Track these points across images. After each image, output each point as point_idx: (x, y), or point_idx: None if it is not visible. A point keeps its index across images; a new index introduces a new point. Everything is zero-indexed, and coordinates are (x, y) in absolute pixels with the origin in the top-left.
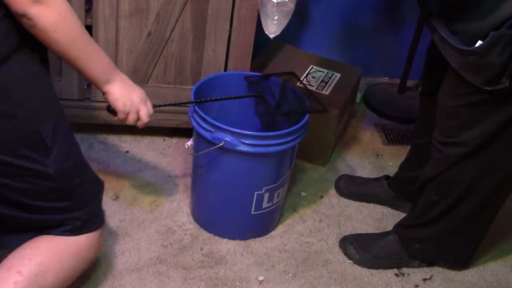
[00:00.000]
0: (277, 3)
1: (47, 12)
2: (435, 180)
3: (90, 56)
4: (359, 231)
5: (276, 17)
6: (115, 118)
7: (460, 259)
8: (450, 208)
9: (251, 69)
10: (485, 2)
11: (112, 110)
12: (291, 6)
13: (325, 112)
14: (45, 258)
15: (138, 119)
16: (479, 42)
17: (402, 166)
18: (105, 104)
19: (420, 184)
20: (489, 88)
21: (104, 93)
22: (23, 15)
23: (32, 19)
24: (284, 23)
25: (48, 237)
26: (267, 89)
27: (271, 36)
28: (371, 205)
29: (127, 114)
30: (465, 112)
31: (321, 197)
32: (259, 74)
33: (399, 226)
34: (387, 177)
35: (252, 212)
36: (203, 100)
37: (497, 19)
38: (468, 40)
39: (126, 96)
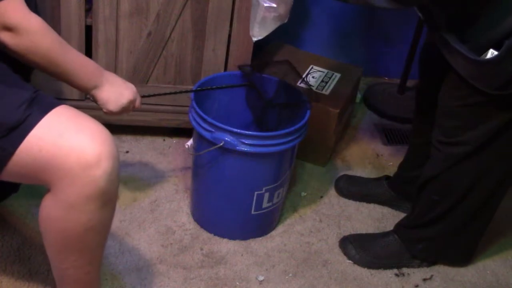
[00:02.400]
0: (266, 7)
1: (18, 39)
2: (435, 180)
3: (72, 68)
4: (359, 231)
5: (262, 21)
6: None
7: (462, 257)
8: (451, 208)
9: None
10: (495, 10)
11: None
12: (280, 12)
13: (318, 102)
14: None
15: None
16: (491, 51)
17: (401, 166)
18: None
19: (420, 184)
20: (499, 93)
21: (92, 97)
22: None
23: (3, 44)
24: (270, 28)
25: None
26: (263, 84)
27: (254, 39)
28: (371, 205)
29: (117, 113)
30: (466, 113)
31: (321, 197)
32: (254, 64)
33: (399, 227)
34: (387, 177)
35: (252, 212)
36: (190, 90)
37: (508, 26)
38: (478, 49)
39: (115, 99)
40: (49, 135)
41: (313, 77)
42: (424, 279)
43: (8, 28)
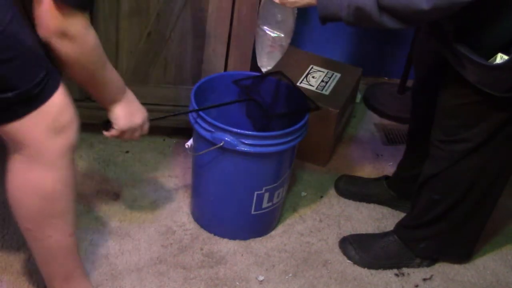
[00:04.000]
0: (274, 37)
1: (71, 47)
2: (435, 179)
3: (103, 84)
4: (359, 231)
5: (270, 51)
6: (107, 133)
7: (463, 253)
8: (452, 207)
9: (251, 69)
10: (503, 14)
11: (106, 125)
12: (287, 41)
13: (318, 109)
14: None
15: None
16: (500, 55)
17: (400, 166)
18: None
19: (420, 183)
20: (507, 95)
21: (107, 111)
22: (47, 42)
23: (54, 49)
24: (278, 57)
25: None
26: (261, 90)
27: (263, 69)
28: (371, 205)
29: (124, 133)
30: (466, 111)
31: (321, 197)
32: (248, 74)
33: (400, 227)
34: (386, 177)
35: (252, 212)
36: (200, 108)
37: None
38: (486, 53)
39: (128, 117)
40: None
41: (313, 77)
42: (424, 279)
43: (65, 35)
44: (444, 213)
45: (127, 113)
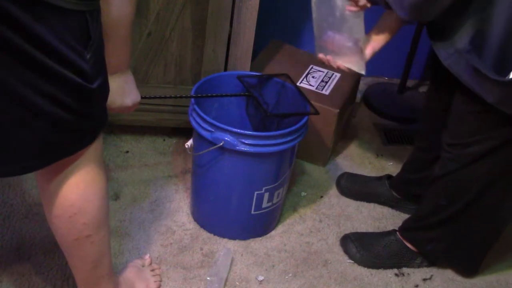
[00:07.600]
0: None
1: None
2: (443, 180)
3: (119, 47)
4: (359, 231)
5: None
6: None
7: (470, 263)
8: (458, 210)
9: (251, 69)
10: None
11: None
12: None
13: (317, 114)
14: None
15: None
16: None
17: (404, 168)
18: None
19: (429, 184)
20: None
21: None
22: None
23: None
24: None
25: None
26: (263, 90)
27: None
28: (371, 205)
29: (111, 108)
30: (478, 119)
31: (321, 197)
32: (254, 74)
33: (406, 227)
34: (389, 177)
35: (252, 212)
36: (197, 95)
37: None
38: (500, 71)
39: (117, 95)
40: None
41: (313, 77)
42: (424, 279)
43: None
44: (451, 216)
45: (118, 91)
